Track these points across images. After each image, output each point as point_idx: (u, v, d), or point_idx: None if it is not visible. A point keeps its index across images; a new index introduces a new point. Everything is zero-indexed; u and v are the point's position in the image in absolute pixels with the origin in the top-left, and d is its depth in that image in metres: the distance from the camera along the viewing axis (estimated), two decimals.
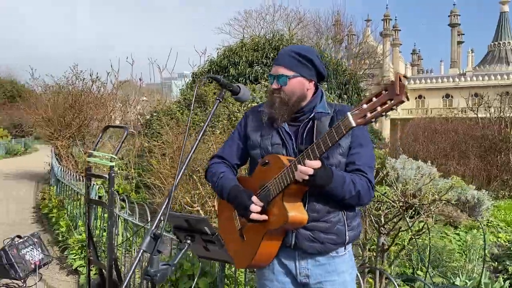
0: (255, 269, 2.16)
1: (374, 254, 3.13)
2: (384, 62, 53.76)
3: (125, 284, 1.44)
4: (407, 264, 4.80)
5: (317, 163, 1.62)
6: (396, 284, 2.30)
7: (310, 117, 1.85)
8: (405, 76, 1.78)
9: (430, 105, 52.87)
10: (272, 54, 11.41)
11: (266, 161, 1.83)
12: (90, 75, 11.34)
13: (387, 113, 1.45)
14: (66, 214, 6.15)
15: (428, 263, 3.44)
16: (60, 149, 10.74)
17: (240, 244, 1.92)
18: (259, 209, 1.79)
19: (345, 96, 10.97)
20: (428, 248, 3.24)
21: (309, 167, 1.61)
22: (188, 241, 1.71)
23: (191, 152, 1.72)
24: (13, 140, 24.76)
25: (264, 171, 1.82)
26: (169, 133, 6.86)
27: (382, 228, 3.01)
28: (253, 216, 1.79)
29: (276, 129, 1.88)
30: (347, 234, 1.85)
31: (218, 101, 1.84)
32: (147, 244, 1.52)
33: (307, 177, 1.61)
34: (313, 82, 1.90)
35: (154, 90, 19.23)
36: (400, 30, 61.45)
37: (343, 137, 1.56)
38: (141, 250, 1.51)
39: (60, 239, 5.67)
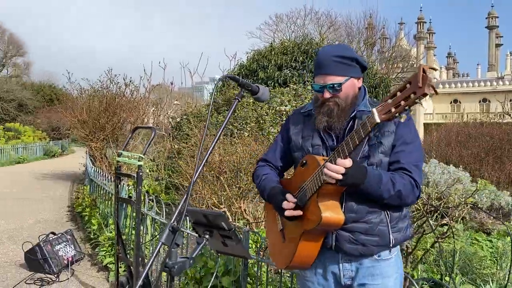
0: (296, 271, 2.12)
1: None
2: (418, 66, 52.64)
3: (145, 272, 1.50)
4: (435, 270, 4.71)
5: (348, 162, 1.59)
6: (417, 287, 2.28)
7: (351, 116, 1.82)
8: (432, 68, 1.77)
9: (466, 110, 51.35)
10: (301, 58, 11.42)
11: (304, 161, 1.84)
12: (124, 79, 11.65)
13: (411, 107, 1.42)
14: (98, 213, 6.35)
15: (452, 268, 3.37)
16: (94, 150, 11.08)
17: (281, 245, 1.93)
18: (292, 205, 1.80)
19: (375, 99, 10.87)
20: (453, 252, 3.18)
21: (340, 165, 1.58)
22: (207, 236, 1.77)
23: (209, 152, 1.78)
24: (51, 142, 25.64)
25: (302, 171, 1.83)
26: (197, 135, 6.98)
27: None
28: (287, 212, 1.80)
29: (317, 130, 1.87)
30: (391, 236, 1.80)
31: (237, 100, 1.88)
32: (166, 237, 1.59)
33: (340, 176, 1.59)
34: (361, 79, 1.89)
35: (185, 93, 19.54)
36: (434, 33, 60.10)
37: (369, 133, 1.53)
38: (160, 243, 1.58)
39: (92, 236, 5.86)
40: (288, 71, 11.20)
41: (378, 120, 1.47)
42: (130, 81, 11.76)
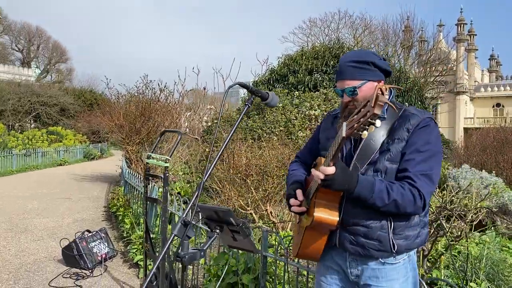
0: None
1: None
2: (458, 69, 51.19)
3: (158, 260, 1.66)
4: (460, 275, 4.67)
5: (329, 169, 1.64)
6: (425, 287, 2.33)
7: None
8: (392, 88, 1.83)
9: (510, 114, 49.47)
10: (332, 62, 11.44)
11: (315, 162, 1.96)
12: (158, 84, 12.04)
13: (369, 126, 1.44)
14: (131, 213, 6.64)
15: (465, 271, 3.37)
16: (130, 153, 11.49)
17: (297, 236, 2.06)
18: (297, 202, 1.90)
19: (406, 103, 10.74)
20: (466, 256, 3.18)
21: (321, 172, 1.66)
22: (217, 231, 1.91)
23: (219, 153, 1.92)
24: (90, 145, 26.63)
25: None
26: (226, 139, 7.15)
27: None
28: (292, 208, 1.92)
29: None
30: (393, 243, 1.80)
31: (247, 106, 2.02)
32: (178, 230, 1.74)
33: (319, 181, 1.67)
34: (383, 82, 1.89)
35: (218, 98, 19.87)
36: (475, 34, 58.19)
37: (340, 145, 1.57)
38: (173, 235, 1.74)
39: (124, 235, 6.14)
40: (319, 75, 11.26)
41: (343, 135, 1.50)
42: (165, 87, 12.14)
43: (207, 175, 1.88)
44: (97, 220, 7.81)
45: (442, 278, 4.14)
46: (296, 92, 9.91)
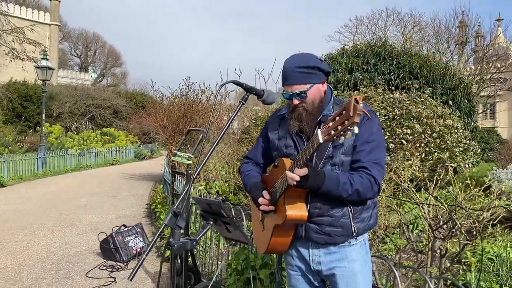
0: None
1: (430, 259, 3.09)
2: None
3: (150, 246, 1.78)
4: (493, 279, 4.49)
5: (303, 171, 1.78)
6: (431, 285, 2.31)
7: (317, 120, 1.98)
8: (366, 97, 1.90)
9: None
10: (373, 60, 11.24)
11: (276, 163, 2.04)
12: (200, 86, 12.35)
13: (347, 132, 1.54)
14: (167, 209, 6.89)
15: (480, 271, 3.25)
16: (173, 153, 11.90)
17: (261, 233, 2.17)
18: (266, 201, 2.02)
19: (451, 102, 10.32)
20: (481, 255, 3.07)
21: (296, 174, 1.78)
22: (211, 222, 2.02)
23: (213, 147, 2.01)
24: (141, 145, 27.67)
25: (276, 172, 2.04)
26: None
27: (437, 232, 2.97)
28: (261, 207, 2.04)
29: (289, 133, 2.06)
30: (354, 227, 1.98)
31: (241, 103, 2.10)
32: (169, 220, 1.86)
33: (294, 183, 1.79)
34: (325, 83, 2.04)
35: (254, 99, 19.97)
36: None
37: (316, 150, 1.70)
38: (163, 224, 1.85)
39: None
40: (359, 74, 11.09)
41: (321, 141, 1.62)
42: (206, 88, 12.44)
43: (198, 170, 1.98)
44: (138, 216, 8.16)
45: (475, 282, 4.02)
46: (335, 92, 9.83)
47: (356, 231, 1.99)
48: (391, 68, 11.21)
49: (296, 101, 1.98)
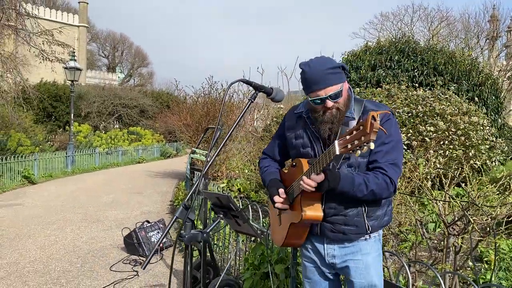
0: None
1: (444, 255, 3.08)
2: None
3: (165, 233, 1.87)
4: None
5: (319, 178, 1.83)
6: (440, 280, 2.33)
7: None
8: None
9: None
10: (396, 57, 11.11)
11: (294, 164, 2.09)
12: (222, 85, 12.48)
13: (363, 147, 1.57)
14: None
15: (493, 267, 3.22)
16: None
17: (278, 227, 2.25)
18: (281, 200, 2.08)
19: (477, 98, 10.10)
20: (495, 251, 3.04)
21: (313, 180, 1.84)
22: (221, 215, 2.09)
23: (221, 145, 2.08)
24: (167, 144, 28.09)
25: (293, 171, 2.09)
26: None
27: (451, 229, 2.96)
28: (277, 205, 2.10)
29: (306, 132, 2.10)
30: (368, 224, 2.04)
31: (250, 101, 2.16)
32: (180, 213, 1.94)
33: (312, 189, 1.85)
34: (347, 81, 2.06)
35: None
36: None
37: (332, 160, 1.74)
38: (175, 217, 1.94)
39: None
40: (382, 71, 10.99)
41: (337, 153, 1.67)
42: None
43: (207, 166, 2.05)
44: (162, 212, 8.34)
45: (494, 281, 3.97)
46: (357, 89, 9.78)
47: (370, 229, 2.05)
48: (415, 65, 11.05)
49: (330, 103, 1.96)
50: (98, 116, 29.36)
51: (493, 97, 11.14)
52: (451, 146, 7.71)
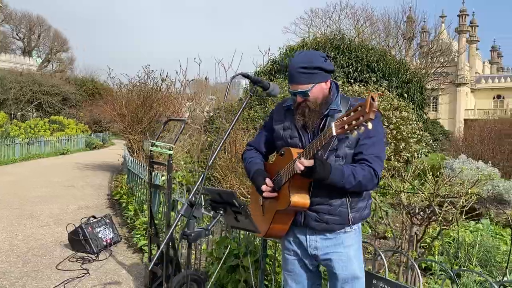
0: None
1: (407, 245, 3.30)
2: (459, 60, 51.07)
3: (171, 231, 1.81)
4: (453, 261, 4.84)
5: (308, 162, 1.90)
6: (417, 268, 2.48)
7: (325, 114, 2.11)
8: (382, 93, 2.08)
9: (510, 106, 49.52)
10: (332, 53, 11.53)
11: (282, 152, 2.16)
12: (160, 74, 12.14)
13: (360, 127, 1.66)
14: (134, 200, 6.80)
15: (456, 255, 3.53)
16: (132, 142, 11.63)
17: (261, 217, 2.30)
18: (269, 189, 2.15)
19: (405, 95, 10.84)
20: (457, 239, 3.33)
21: (301, 164, 1.91)
22: (221, 212, 2.06)
23: (222, 141, 2.06)
24: (92, 134, 26.77)
25: (281, 160, 2.15)
26: (227, 128, 7.30)
27: (415, 219, 3.17)
28: (265, 194, 2.16)
29: (295, 124, 2.17)
30: (350, 215, 2.14)
31: (250, 95, 2.16)
32: (185, 210, 1.89)
33: (299, 171, 1.92)
34: (329, 81, 2.14)
35: (219, 88, 19.96)
36: (477, 26, 57.99)
37: (327, 142, 1.84)
38: (180, 215, 1.89)
39: (128, 221, 6.31)
40: None
41: (334, 133, 1.77)
42: (166, 76, 12.23)
43: (210, 162, 2.02)
44: (101, 207, 7.97)
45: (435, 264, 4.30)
46: None
47: (352, 220, 2.15)
48: (350, 62, 11.55)
49: (299, 99, 2.10)
50: (15, 103, 27.23)
51: (419, 94, 12.00)
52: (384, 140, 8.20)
